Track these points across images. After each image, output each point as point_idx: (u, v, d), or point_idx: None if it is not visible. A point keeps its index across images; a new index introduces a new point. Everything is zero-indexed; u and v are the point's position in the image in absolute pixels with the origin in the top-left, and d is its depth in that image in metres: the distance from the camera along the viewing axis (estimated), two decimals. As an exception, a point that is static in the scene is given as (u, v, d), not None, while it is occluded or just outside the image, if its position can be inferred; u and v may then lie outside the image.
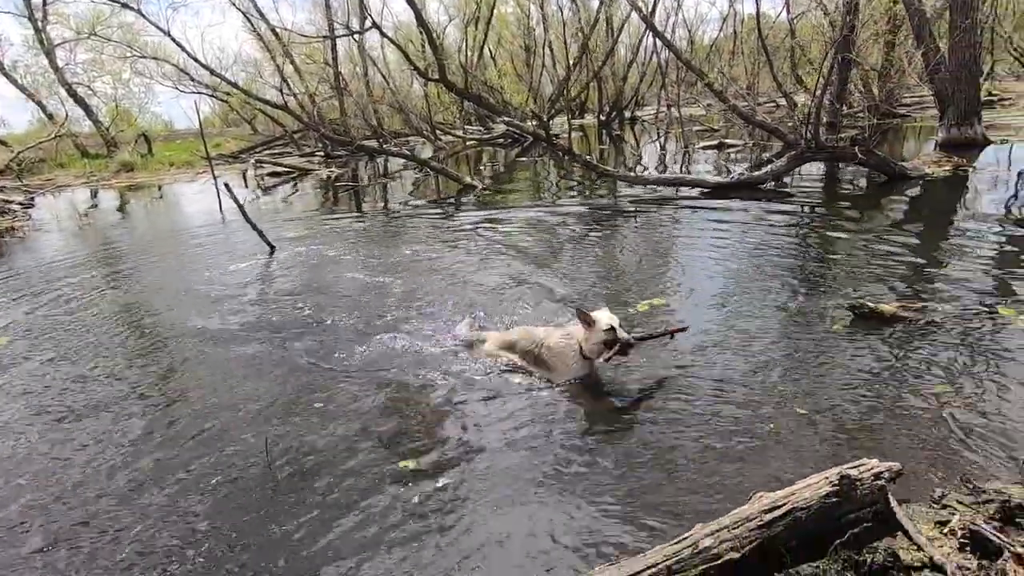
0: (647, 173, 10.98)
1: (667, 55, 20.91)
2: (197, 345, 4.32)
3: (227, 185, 7.50)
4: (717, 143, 15.45)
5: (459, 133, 24.53)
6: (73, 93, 22.87)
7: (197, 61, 18.98)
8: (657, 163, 13.87)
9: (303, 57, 22.37)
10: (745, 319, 4.02)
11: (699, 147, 15.50)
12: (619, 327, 3.17)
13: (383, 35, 16.79)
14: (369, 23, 15.39)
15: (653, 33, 12.63)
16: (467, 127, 26.42)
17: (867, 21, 13.03)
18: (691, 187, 9.05)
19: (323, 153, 20.76)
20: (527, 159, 16.97)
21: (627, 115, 29.87)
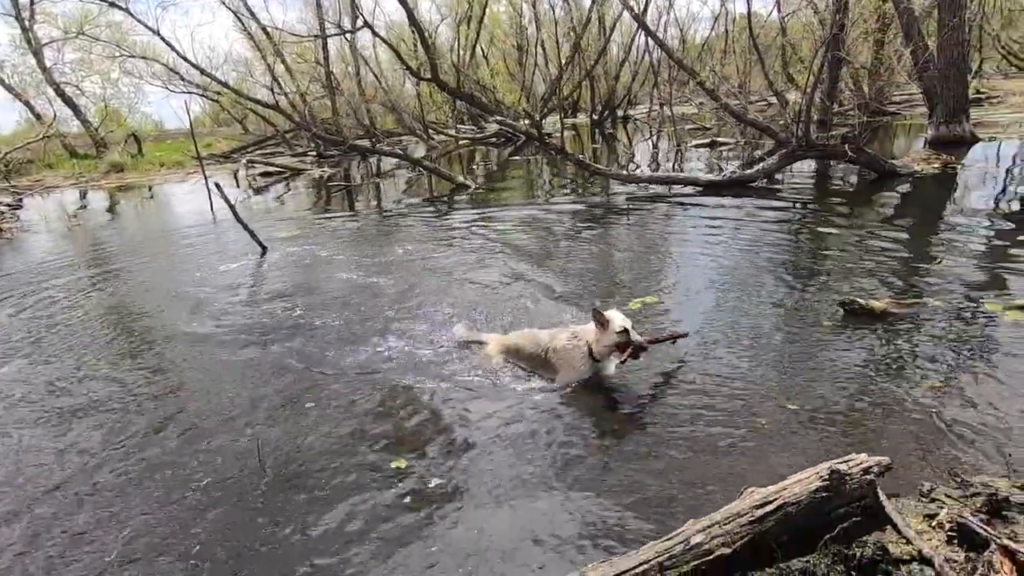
0: (639, 171, 11.02)
1: (659, 54, 21.01)
2: (187, 346, 4.29)
3: (218, 185, 7.46)
4: (709, 141, 15.51)
5: (452, 132, 24.50)
6: (61, 93, 22.64)
7: (187, 60, 18.83)
8: (650, 161, 13.91)
9: (294, 56, 22.21)
10: (736, 316, 4.04)
11: (691, 145, 15.56)
12: (632, 329, 3.14)
13: (375, 34, 16.68)
14: (361, 22, 15.28)
15: (645, 32, 12.66)
16: (460, 126, 26.38)
17: (857, 20, 13.08)
18: (683, 185, 9.08)
19: (315, 153, 20.67)
20: (520, 158, 16.96)
21: (620, 114, 29.94)
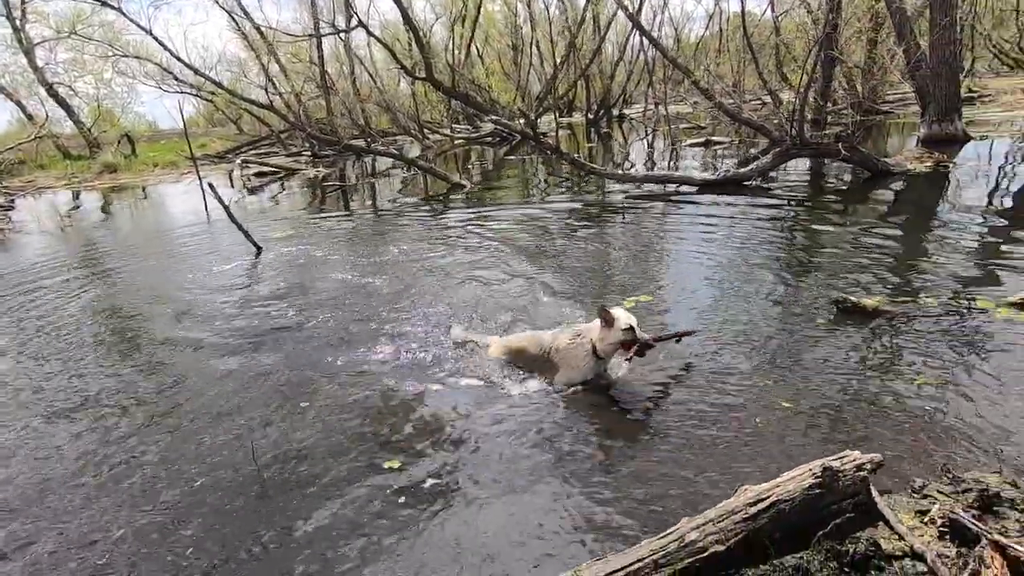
0: (635, 171, 11.04)
1: (654, 53, 21.05)
2: (179, 347, 4.27)
3: (211, 185, 7.42)
4: (704, 140, 15.56)
5: (447, 132, 24.48)
6: (54, 93, 22.51)
7: (180, 60, 18.73)
8: (645, 161, 13.94)
9: (289, 56, 22.19)
10: (731, 314, 4.06)
11: (686, 144, 15.61)
12: (638, 327, 3.11)
13: (369, 34, 16.63)
14: (355, 22, 15.27)
15: (640, 31, 12.67)
16: (455, 126, 26.36)
17: (850, 19, 13.17)
18: (678, 184, 9.10)
19: (310, 153, 20.62)
20: (515, 158, 16.97)
21: (615, 113, 30.02)
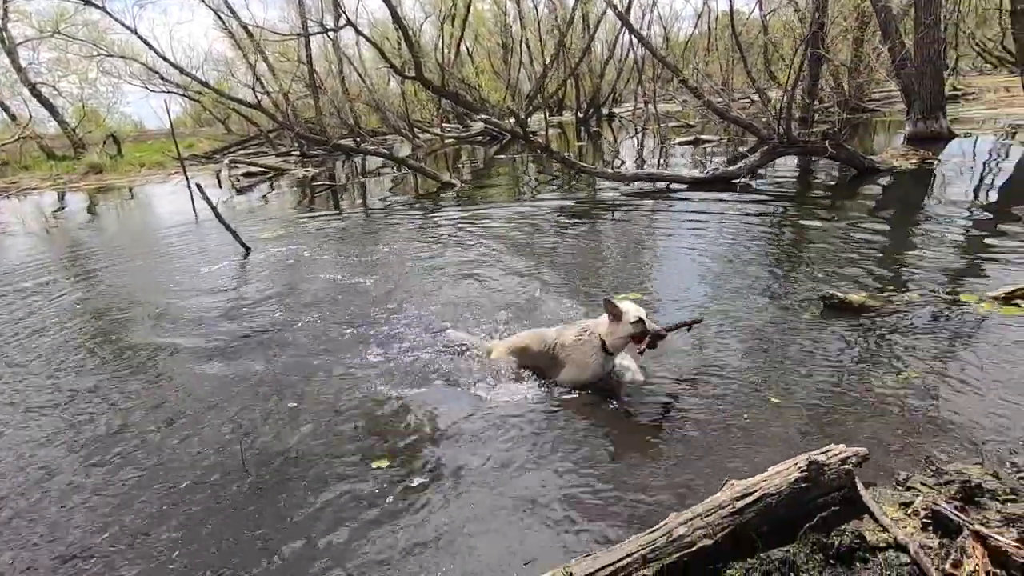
0: (624, 169, 11.09)
1: (643, 52, 21.12)
2: (166, 349, 4.23)
3: (199, 186, 7.36)
4: (693, 139, 15.64)
5: (437, 131, 24.43)
6: (37, 93, 22.24)
7: (166, 60, 18.59)
8: (635, 159, 13.99)
9: (276, 55, 22.02)
10: (720, 311, 4.08)
11: (675, 143, 15.69)
12: (647, 318, 3.07)
13: (358, 32, 16.59)
14: (343, 20, 15.21)
15: (629, 30, 12.72)
16: (445, 125, 26.31)
17: (836, 18, 13.28)
18: (668, 182, 9.14)
19: (299, 152, 20.51)
20: (506, 157, 16.96)
21: (605, 112, 30.09)
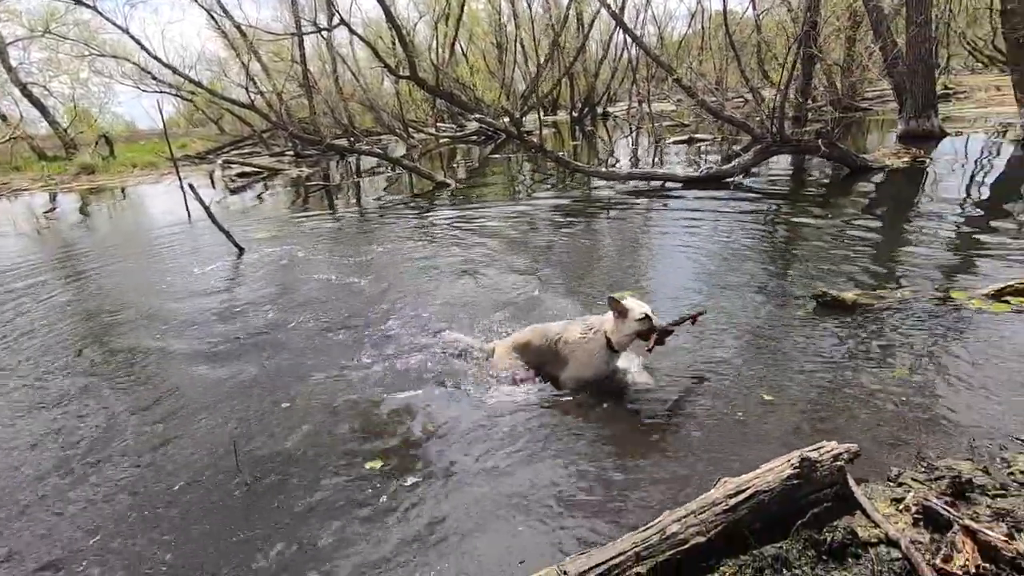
0: (619, 167, 11.10)
1: (637, 51, 21.15)
2: (158, 350, 4.20)
3: (191, 186, 7.32)
4: (687, 138, 15.68)
5: (432, 131, 24.39)
6: (28, 93, 22.06)
7: (158, 59, 18.44)
8: (629, 158, 14.01)
9: (270, 55, 21.92)
10: (714, 309, 4.09)
11: (670, 142, 15.72)
12: (653, 314, 3.05)
13: (352, 32, 16.49)
14: (337, 20, 15.14)
15: (623, 29, 12.72)
16: (440, 124, 26.26)
17: (829, 17, 13.32)
18: (662, 181, 9.16)
19: (293, 152, 20.42)
20: (500, 156, 16.95)
21: (599, 111, 30.12)
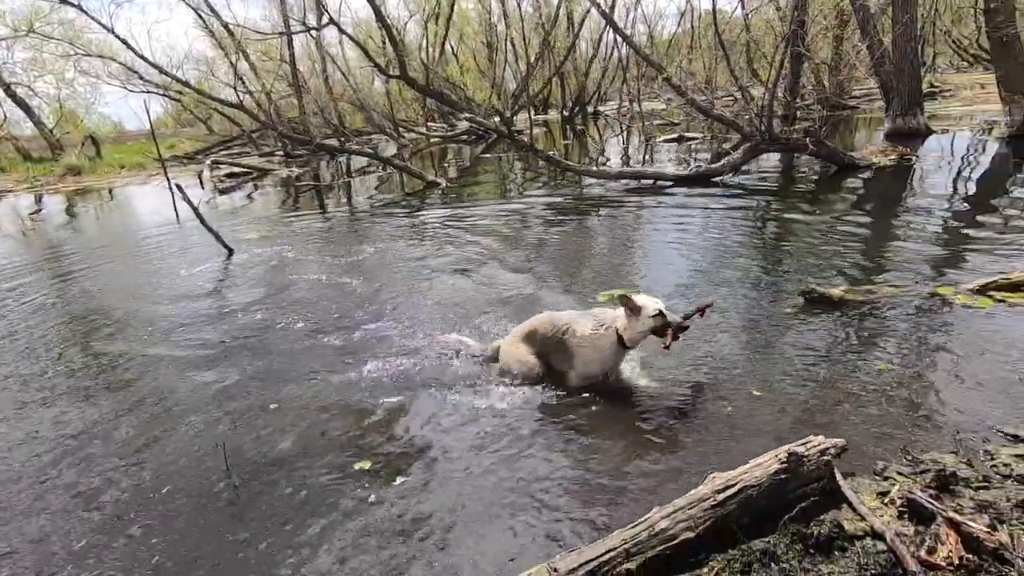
0: (609, 166, 11.14)
1: (627, 50, 21.18)
2: (145, 353, 4.16)
3: (179, 187, 7.26)
4: (677, 136, 15.76)
5: (422, 130, 24.33)
6: (12, 94, 21.80)
7: (145, 59, 18.23)
8: (620, 157, 14.05)
9: (258, 54, 21.77)
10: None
11: (660, 140, 15.78)
12: (667, 310, 3.00)
13: (341, 31, 16.37)
14: (326, 19, 15.06)
15: (613, 28, 12.75)
16: (430, 124, 26.20)
17: (816, 16, 13.43)
18: (653, 180, 9.20)
19: (283, 152, 20.30)
20: (491, 155, 16.95)
21: (590, 110, 30.20)
